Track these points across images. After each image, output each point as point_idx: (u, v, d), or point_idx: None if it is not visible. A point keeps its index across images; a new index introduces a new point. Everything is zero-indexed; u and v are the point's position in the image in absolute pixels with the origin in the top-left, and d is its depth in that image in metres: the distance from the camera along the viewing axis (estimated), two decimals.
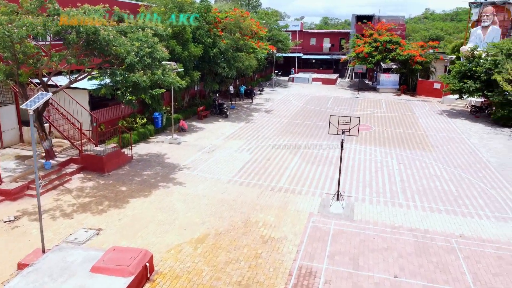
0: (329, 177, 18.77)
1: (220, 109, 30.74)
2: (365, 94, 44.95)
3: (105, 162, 17.91)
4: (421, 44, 46.67)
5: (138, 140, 22.94)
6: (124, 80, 14.06)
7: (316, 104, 38.30)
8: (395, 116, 33.62)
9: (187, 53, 24.20)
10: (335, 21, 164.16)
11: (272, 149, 22.98)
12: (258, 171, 19.22)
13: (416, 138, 26.66)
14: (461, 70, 32.68)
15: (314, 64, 63.27)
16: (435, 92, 42.99)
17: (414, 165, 20.97)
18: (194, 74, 24.93)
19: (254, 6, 72.53)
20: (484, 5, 39.92)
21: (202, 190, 16.57)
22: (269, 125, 28.99)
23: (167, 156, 20.85)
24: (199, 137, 24.80)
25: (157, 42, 15.89)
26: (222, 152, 21.91)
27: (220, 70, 28.15)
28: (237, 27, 28.90)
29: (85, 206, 14.75)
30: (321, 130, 27.82)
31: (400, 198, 16.64)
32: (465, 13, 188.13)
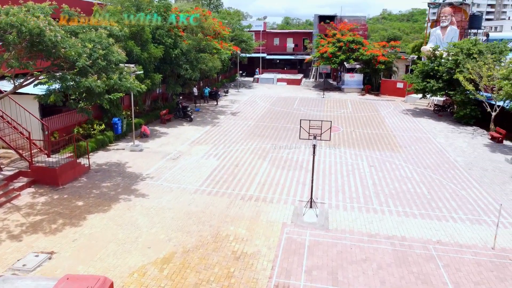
0: (300, 183, 18.06)
1: (184, 113, 29.49)
2: (330, 94, 44.88)
3: (59, 174, 16.37)
4: (383, 44, 47.18)
5: (97, 148, 21.39)
6: (76, 85, 12.68)
7: (282, 105, 37.72)
8: (362, 116, 33.54)
9: (146, 54, 22.83)
10: (296, 21, 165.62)
11: (241, 154, 22.06)
12: (227, 178, 18.24)
13: (384, 138, 26.51)
14: (424, 69, 33.02)
15: (278, 64, 62.84)
16: (398, 91, 43.51)
17: (385, 167, 20.66)
18: (155, 76, 23.57)
19: (215, 6, 71.31)
20: (442, 6, 40.74)
21: (167, 202, 15.40)
22: (236, 128, 28.04)
23: (128, 165, 19.47)
24: (163, 143, 23.50)
25: (113, 43, 14.58)
26: (188, 159, 20.76)
27: (183, 72, 26.91)
28: (199, 27, 27.74)
29: (36, 225, 13.26)
30: (289, 133, 27.17)
31: (374, 203, 16.16)
32: (420, 14, 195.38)
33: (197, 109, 33.58)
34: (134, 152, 21.46)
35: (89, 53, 12.95)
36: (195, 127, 27.90)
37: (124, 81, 14.25)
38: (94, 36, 13.58)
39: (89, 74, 13.22)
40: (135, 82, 15.02)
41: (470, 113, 30.45)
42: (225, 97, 41.61)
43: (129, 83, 14.36)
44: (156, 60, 24.10)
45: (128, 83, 14.33)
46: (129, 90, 14.60)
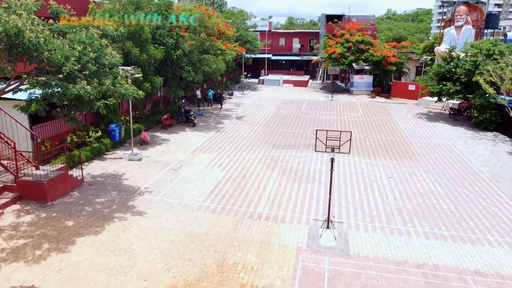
0: (314, 198, 16.39)
1: (187, 117, 27.86)
2: (339, 97, 43.16)
3: (47, 189, 14.77)
4: (394, 45, 45.40)
5: (92, 157, 19.79)
6: (62, 92, 11.06)
7: (289, 108, 36.04)
8: (374, 121, 31.81)
9: (146, 56, 21.21)
10: (300, 21, 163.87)
11: (247, 163, 20.41)
12: (233, 192, 16.59)
13: (400, 145, 24.79)
14: (440, 71, 31.24)
15: (284, 65, 61.14)
16: (410, 94, 41.73)
17: (405, 179, 18.95)
18: (155, 79, 21.96)
19: (219, 5, 69.70)
20: (457, 5, 38.92)
21: (166, 222, 13.76)
22: (241, 134, 26.39)
23: (126, 177, 17.85)
24: (163, 151, 21.87)
25: (106, 44, 12.96)
26: (190, 170, 19.13)
27: (185, 74, 25.28)
28: (202, 26, 26.10)
29: (18, 252, 11.66)
30: (298, 139, 25.49)
31: (398, 223, 14.46)
32: (425, 14, 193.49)
33: (200, 113, 31.96)
34: (132, 162, 19.85)
35: (78, 56, 11.33)
36: (198, 132, 26.27)
37: (119, 86, 12.61)
38: (85, 37, 11.95)
39: (78, 80, 11.60)
40: (131, 87, 13.35)
41: (490, 118, 28.68)
42: (229, 99, 39.98)
43: (124, 89, 12.72)
44: (156, 62, 22.49)
45: (123, 89, 12.68)
46: (124, 97, 12.95)
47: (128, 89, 12.97)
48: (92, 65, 11.61)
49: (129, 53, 20.62)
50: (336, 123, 30.42)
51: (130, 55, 20.71)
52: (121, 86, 12.74)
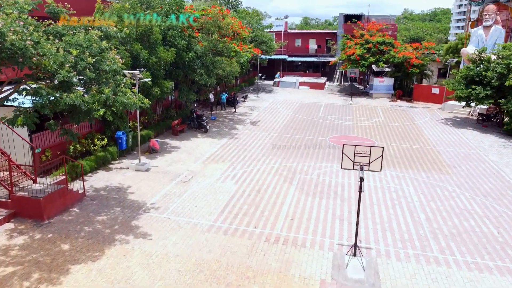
0: (337, 217, 14.75)
1: (199, 122, 26.44)
2: (357, 100, 41.29)
3: (44, 206, 13.46)
4: (416, 46, 43.32)
5: (96, 167, 18.49)
6: (55, 102, 9.69)
7: (306, 112, 34.37)
8: (397, 127, 29.95)
9: (155, 58, 19.83)
10: (315, 21, 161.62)
11: (263, 175, 18.87)
12: (247, 210, 15.06)
13: (427, 155, 22.94)
14: (468, 74, 29.22)
15: (300, 67, 59.40)
16: (433, 97, 39.66)
17: (436, 195, 17.17)
18: (165, 83, 20.57)
19: (234, 5, 68.29)
20: (485, 3, 36.70)
21: (173, 246, 12.30)
22: (256, 141, 24.85)
23: (131, 190, 16.46)
24: (173, 160, 20.46)
25: (108, 47, 11.56)
26: (201, 182, 17.66)
27: (197, 77, 23.86)
28: (215, 26, 24.63)
29: (4, 282, 10.31)
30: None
31: (434, 249, 12.74)
32: (442, 14, 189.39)
33: (213, 118, 30.54)
34: (139, 173, 18.48)
35: (73, 62, 9.93)
36: (211, 139, 24.81)
37: (120, 95, 11.18)
38: (82, 39, 10.55)
39: (73, 88, 10.22)
40: (134, 97, 11.90)
41: None
42: (243, 103, 38.48)
43: (126, 98, 11.28)
44: (167, 64, 21.11)
45: (125, 98, 11.25)
46: (126, 107, 11.53)
47: (130, 98, 11.52)
48: (90, 72, 10.21)
49: (137, 55, 19.28)
50: (356, 130, 28.66)
51: (138, 57, 19.36)
52: (123, 95, 11.30)
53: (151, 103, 18.64)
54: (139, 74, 17.24)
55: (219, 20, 24.51)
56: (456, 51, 46.15)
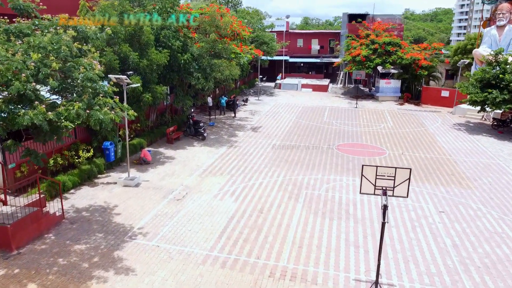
0: (351, 243, 12.89)
1: (196, 129, 24.57)
2: (363, 103, 39.40)
3: (13, 235, 11.60)
4: (424, 46, 41.45)
5: (81, 182, 16.62)
6: (9, 121, 7.82)
7: (310, 117, 32.48)
8: (407, 133, 28.06)
9: (146, 61, 17.95)
10: (316, 21, 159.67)
11: (265, 190, 17.00)
12: (249, 234, 13.19)
13: (443, 166, 21.07)
14: (484, 77, 27.35)
15: (302, 68, 57.48)
16: (443, 101, 37.77)
17: (460, 214, 15.30)
18: (157, 89, 18.68)
19: (234, 5, 66.39)
20: (499, 2, 34.81)
21: (161, 284, 10.42)
22: (257, 149, 22.98)
23: (117, 211, 14.59)
24: (166, 174, 18.59)
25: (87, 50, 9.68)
26: (197, 200, 15.79)
27: (194, 81, 21.99)
28: (213, 26, 22.73)
29: None
30: (323, 156, 21.97)
31: (467, 286, 10.86)
32: (444, 14, 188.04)
33: (211, 123, 28.66)
34: (128, 189, 16.61)
35: (33, 69, 8.07)
36: (208, 148, 22.93)
37: (95, 110, 9.30)
38: (47, 41, 8.67)
39: (39, 101, 8.34)
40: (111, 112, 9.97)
41: None
42: (244, 106, 36.61)
43: (102, 113, 9.40)
44: (159, 67, 19.24)
45: (101, 114, 9.36)
46: (103, 124, 9.64)
47: (107, 113, 9.62)
48: (53, 81, 8.34)
49: (126, 58, 17.42)
50: (364, 136, 26.78)
51: (127, 60, 17.51)
52: (99, 110, 9.41)
53: (139, 113, 16.92)
54: (127, 79, 15.39)
55: (217, 19, 22.64)
56: (465, 51, 44.37)
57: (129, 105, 18.85)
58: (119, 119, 11.14)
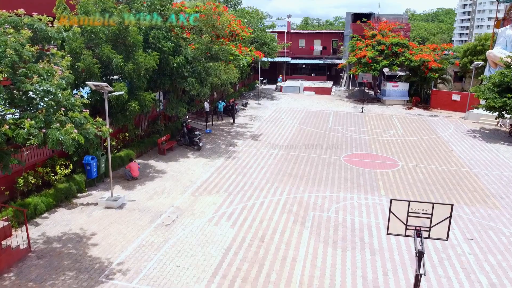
0: (370, 283, 10.82)
1: (191, 138, 22.50)
2: (369, 108, 37.31)
3: None
4: (433, 47, 39.38)
5: (56, 204, 14.56)
6: None
7: (314, 123, 30.42)
8: (419, 141, 26.00)
9: (132, 65, 15.89)
10: (316, 21, 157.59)
11: (267, 212, 14.95)
12: (248, 271, 11.14)
13: (464, 180, 19.02)
14: (503, 81, 25.30)
15: (304, 70, 55.39)
16: (453, 105, 35.71)
17: (491, 242, 13.27)
18: (145, 96, 16.59)
19: (233, 4, 64.26)
20: None
21: None
22: (258, 161, 20.93)
23: (95, 240, 12.52)
24: (155, 192, 16.52)
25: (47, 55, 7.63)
26: (188, 225, 13.73)
27: (188, 86, 19.93)
28: (209, 26, 20.63)
29: None
30: (330, 170, 19.92)
31: None
32: (445, 14, 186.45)
33: (208, 131, 26.59)
34: (110, 211, 14.54)
35: None
36: (204, 160, 20.86)
37: (52, 130, 7.27)
38: None
39: None
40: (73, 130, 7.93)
41: None
42: (243, 111, 34.55)
43: (62, 132, 7.37)
44: (148, 72, 17.17)
45: (61, 133, 7.34)
46: (64, 144, 7.62)
47: (69, 131, 7.58)
48: None
49: (108, 61, 15.36)
50: (373, 145, 24.73)
51: (110, 64, 15.45)
52: (59, 127, 7.37)
53: (127, 122, 14.95)
54: (107, 87, 13.32)
55: (214, 18, 20.57)
56: (475, 53, 42.36)
57: (114, 115, 16.91)
58: (101, 131, 9.15)
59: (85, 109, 9.48)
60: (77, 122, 8.46)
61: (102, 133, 9.31)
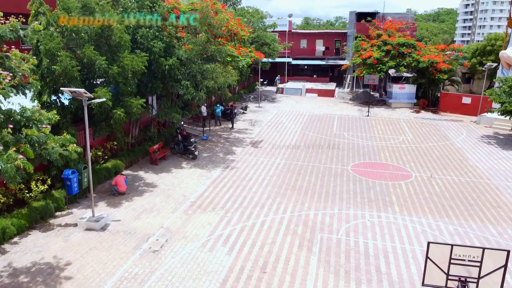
0: None
1: (185, 146, 20.77)
2: (375, 111, 35.55)
3: None
4: (442, 48, 37.64)
5: (29, 226, 12.84)
6: None
7: (318, 128, 28.69)
8: (431, 148, 24.26)
9: (117, 68, 14.16)
10: (317, 21, 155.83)
11: (269, 233, 13.22)
12: None
13: (485, 194, 17.29)
14: None
15: (306, 71, 53.60)
16: (463, 108, 33.96)
17: None
18: (132, 102, 14.84)
19: (232, 4, 62.47)
20: None
21: None
22: (258, 171, 19.22)
23: (69, 272, 10.79)
24: (144, 209, 14.79)
25: None
26: (179, 251, 12.01)
27: (182, 90, 18.19)
28: (204, 24, 18.88)
29: None
30: (338, 181, 18.21)
31: None
32: (446, 14, 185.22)
33: (205, 137, 24.86)
34: (90, 234, 12.81)
35: None
36: (199, 171, 19.13)
37: None
38: None
39: None
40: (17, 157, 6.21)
41: None
42: (243, 115, 32.83)
43: (3, 159, 5.65)
44: (136, 75, 15.44)
45: (1, 161, 5.61)
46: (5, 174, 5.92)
47: (12, 158, 5.85)
48: None
49: (90, 63, 13.64)
50: (382, 152, 23.01)
51: (92, 66, 13.73)
52: (1, 152, 5.65)
53: (116, 130, 13.33)
54: (86, 93, 11.60)
55: (210, 15, 18.84)
56: (484, 53, 40.62)
57: (97, 124, 15.19)
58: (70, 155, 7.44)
59: (66, 119, 7.75)
60: (34, 141, 6.76)
61: (69, 152, 7.61)
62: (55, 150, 7.19)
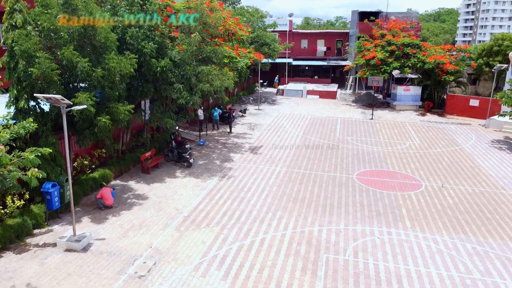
0: None
1: (180, 154, 19.49)
2: (379, 114, 34.26)
3: None
4: (448, 48, 36.36)
5: (3, 246, 11.55)
6: None
7: (320, 132, 27.40)
8: (440, 154, 22.98)
9: (101, 70, 12.88)
10: (317, 21, 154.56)
11: (269, 254, 11.94)
12: None
13: (502, 206, 16.02)
14: None
15: (307, 72, 52.32)
16: (471, 111, 32.70)
17: None
18: (119, 108, 13.54)
19: (232, 2, 61.23)
20: None
21: None
22: (257, 181, 17.94)
23: None
24: (133, 225, 13.51)
25: None
26: (168, 276, 10.73)
27: (175, 94, 16.91)
28: (200, 23, 17.54)
29: None
30: (343, 192, 16.93)
31: None
32: (447, 14, 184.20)
33: (201, 142, 23.56)
34: (70, 256, 11.52)
35: None
36: (194, 180, 17.84)
37: None
38: None
39: None
40: None
41: None
42: (242, 118, 31.56)
43: None
44: (124, 78, 14.16)
45: None
46: None
47: None
48: None
49: (72, 66, 12.36)
50: (389, 159, 21.72)
51: (74, 69, 12.45)
52: None
53: (105, 137, 12.14)
54: (63, 100, 10.32)
55: (206, 14, 17.55)
56: (490, 54, 39.38)
57: (81, 132, 13.91)
58: None
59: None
60: None
61: (28, 178, 6.34)
62: (12, 174, 5.93)
